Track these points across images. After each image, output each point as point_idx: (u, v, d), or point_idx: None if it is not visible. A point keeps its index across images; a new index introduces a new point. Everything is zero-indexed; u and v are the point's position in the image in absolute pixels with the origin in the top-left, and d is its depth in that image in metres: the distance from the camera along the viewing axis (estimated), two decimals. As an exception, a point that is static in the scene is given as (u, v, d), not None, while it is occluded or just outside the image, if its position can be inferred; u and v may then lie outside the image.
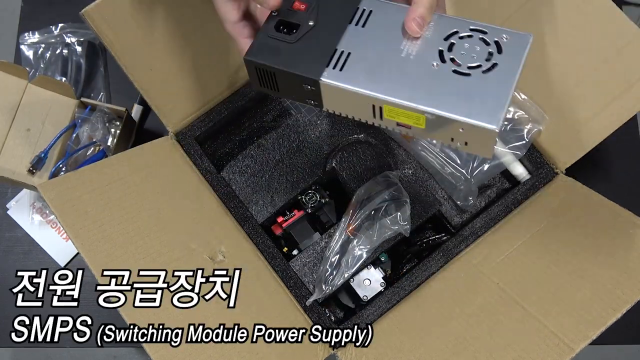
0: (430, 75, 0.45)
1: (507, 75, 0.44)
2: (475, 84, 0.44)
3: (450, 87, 0.44)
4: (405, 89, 0.45)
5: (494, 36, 0.46)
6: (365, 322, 0.66)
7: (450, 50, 0.45)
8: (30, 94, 0.74)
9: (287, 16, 0.48)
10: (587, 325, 0.52)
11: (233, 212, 0.69)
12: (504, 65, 0.45)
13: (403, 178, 0.72)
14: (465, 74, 0.44)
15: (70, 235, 0.54)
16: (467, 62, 0.45)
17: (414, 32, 0.46)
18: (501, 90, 0.44)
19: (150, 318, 0.54)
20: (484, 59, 0.45)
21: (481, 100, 0.43)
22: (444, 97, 0.44)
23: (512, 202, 0.70)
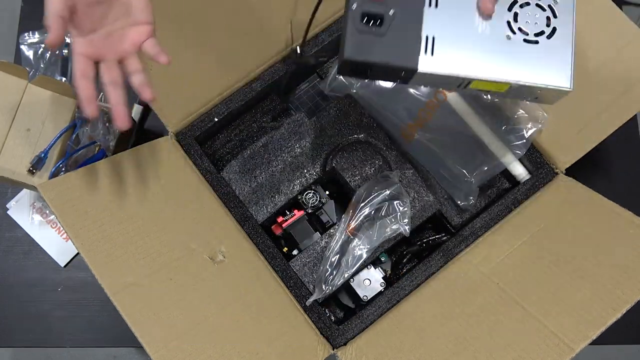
0: (507, 47, 0.51)
1: (566, 38, 0.52)
2: (544, 50, 0.51)
3: (526, 57, 0.51)
4: (492, 65, 0.51)
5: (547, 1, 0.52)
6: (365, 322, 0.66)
7: (516, 21, 0.51)
8: (30, 94, 0.74)
9: (369, 8, 0.50)
10: (587, 325, 0.52)
11: (233, 212, 0.69)
12: (562, 28, 0.52)
13: (403, 178, 0.72)
14: (534, 41, 0.51)
15: (70, 235, 0.54)
16: (532, 29, 0.51)
17: (489, 11, 0.51)
18: (565, 53, 0.51)
19: (151, 318, 0.54)
20: (545, 24, 0.52)
21: (553, 65, 0.51)
22: (523, 67, 0.51)
23: (512, 202, 0.70)
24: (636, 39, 0.65)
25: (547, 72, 0.51)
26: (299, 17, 0.67)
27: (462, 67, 0.51)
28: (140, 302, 0.54)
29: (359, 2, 0.50)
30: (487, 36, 0.51)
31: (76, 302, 0.77)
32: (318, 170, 0.72)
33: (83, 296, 0.78)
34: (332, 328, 0.65)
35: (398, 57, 0.50)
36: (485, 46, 0.51)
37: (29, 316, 0.77)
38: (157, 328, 0.53)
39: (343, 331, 0.65)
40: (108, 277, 0.54)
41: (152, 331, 0.53)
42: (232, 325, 0.58)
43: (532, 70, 0.51)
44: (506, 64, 0.51)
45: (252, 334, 0.59)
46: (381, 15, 0.50)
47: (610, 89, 0.67)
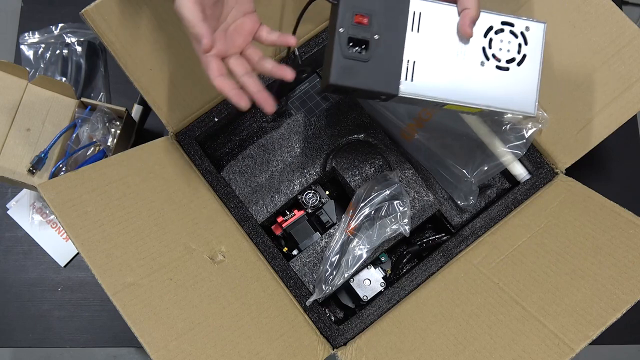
0: (480, 73, 0.54)
1: (534, 65, 0.55)
2: (513, 77, 0.55)
3: (497, 83, 0.55)
4: (464, 90, 0.54)
5: (519, 27, 0.55)
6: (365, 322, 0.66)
7: (490, 47, 0.54)
8: (31, 94, 0.74)
9: (354, 32, 0.52)
10: (587, 325, 0.52)
11: (233, 212, 0.69)
12: (531, 56, 0.55)
13: (403, 178, 0.72)
14: (505, 68, 0.54)
15: (70, 235, 0.54)
16: (504, 56, 0.55)
17: (468, 35, 0.53)
18: (532, 80, 0.55)
19: (151, 318, 0.54)
20: (516, 51, 0.55)
21: (520, 92, 0.55)
22: (494, 93, 0.55)
23: (512, 202, 0.70)
24: (636, 39, 0.65)
25: (515, 99, 0.55)
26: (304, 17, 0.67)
27: (438, 92, 0.54)
28: (140, 302, 0.54)
29: (346, 26, 0.51)
30: (463, 62, 0.54)
31: (76, 302, 0.77)
32: (318, 170, 0.72)
33: (83, 296, 0.78)
34: (332, 328, 0.65)
35: (380, 83, 0.52)
36: (460, 72, 0.54)
37: (29, 316, 0.77)
38: (157, 328, 0.53)
39: (343, 331, 0.65)
40: (108, 277, 0.54)
41: (152, 331, 0.53)
42: (232, 325, 0.58)
43: (501, 96, 0.54)
44: (478, 91, 0.54)
45: (252, 334, 0.58)
46: (366, 40, 0.52)
47: (610, 89, 0.67)
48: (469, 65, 0.54)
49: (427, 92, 0.53)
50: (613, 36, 0.66)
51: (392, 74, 0.53)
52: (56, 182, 0.57)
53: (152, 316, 0.54)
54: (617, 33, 0.65)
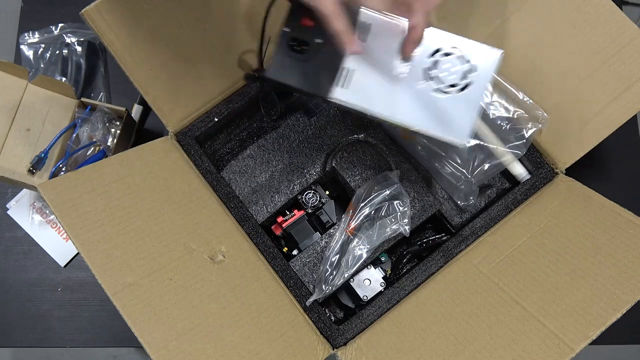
0: (418, 94, 0.53)
1: (477, 94, 0.53)
2: (451, 103, 0.53)
3: (432, 106, 0.53)
4: (398, 108, 0.53)
5: (470, 53, 0.53)
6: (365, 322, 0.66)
7: (434, 69, 0.53)
8: (31, 93, 0.74)
9: (298, 33, 0.53)
10: (587, 325, 0.52)
11: (233, 212, 0.69)
12: (476, 84, 0.53)
13: (403, 178, 0.72)
14: (445, 92, 0.53)
15: (70, 235, 0.54)
16: (447, 80, 0.53)
17: (408, 56, 0.52)
18: (471, 111, 0.52)
19: (151, 318, 0.54)
20: (460, 77, 0.53)
21: (456, 119, 0.52)
22: (427, 115, 0.53)
23: (512, 202, 0.70)
24: (636, 39, 0.65)
25: (448, 126, 0.53)
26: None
27: (370, 104, 0.53)
28: (140, 302, 0.54)
29: (292, 27, 0.52)
30: (402, 79, 0.53)
31: (76, 302, 0.77)
32: (318, 170, 0.72)
33: (83, 296, 0.78)
34: (332, 328, 0.65)
35: (312, 85, 0.53)
36: (397, 89, 0.53)
37: (29, 316, 0.77)
38: (157, 328, 0.53)
39: (343, 331, 0.65)
40: (108, 277, 0.54)
41: (152, 331, 0.53)
42: (232, 325, 0.58)
43: (435, 120, 0.53)
44: (412, 110, 0.53)
45: (252, 334, 0.59)
46: (308, 42, 0.52)
47: (610, 88, 0.67)
48: (407, 84, 0.53)
49: (358, 102, 0.53)
50: (613, 36, 0.66)
51: (328, 78, 0.53)
52: (56, 182, 0.57)
53: (152, 316, 0.54)
54: (617, 33, 0.65)
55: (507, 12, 0.69)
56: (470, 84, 0.52)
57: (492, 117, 0.71)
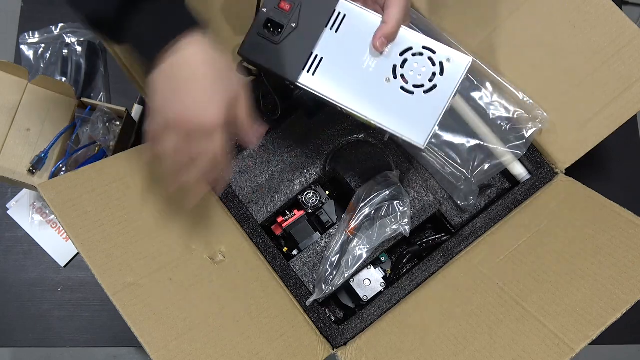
0: (382, 89, 0.54)
1: (442, 97, 0.53)
2: (415, 103, 0.53)
3: (396, 103, 0.53)
4: (361, 100, 0.54)
5: (440, 57, 0.53)
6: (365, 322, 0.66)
7: (402, 67, 0.53)
8: (31, 93, 0.74)
9: (274, 15, 0.54)
10: (587, 325, 0.52)
11: (233, 212, 0.69)
12: (442, 88, 0.53)
13: (403, 178, 0.72)
14: (410, 91, 0.53)
15: (70, 235, 0.54)
16: (413, 80, 0.53)
17: (377, 50, 0.53)
18: (433, 113, 0.53)
19: (151, 318, 0.54)
20: (428, 79, 0.53)
21: (417, 119, 0.53)
22: (389, 112, 0.53)
23: (512, 202, 0.70)
24: (636, 39, 0.65)
25: (408, 125, 0.53)
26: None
27: (334, 93, 0.54)
28: (140, 302, 0.54)
29: (269, 7, 0.54)
30: (369, 73, 0.54)
31: (76, 302, 0.77)
32: (318, 170, 0.72)
33: (83, 296, 0.78)
34: (332, 328, 0.65)
35: (282, 68, 0.54)
36: (363, 82, 0.54)
37: (29, 316, 0.77)
38: (157, 328, 0.53)
39: (343, 331, 0.65)
40: (108, 277, 0.54)
41: (152, 331, 0.53)
42: (232, 325, 0.58)
43: (396, 118, 0.53)
44: (374, 105, 0.53)
45: (252, 334, 0.58)
46: (282, 25, 0.54)
47: (610, 88, 0.67)
48: (373, 78, 0.54)
49: (324, 90, 0.54)
50: (613, 36, 0.66)
51: (297, 63, 0.54)
52: (56, 182, 0.57)
53: (152, 316, 0.54)
54: (617, 33, 0.65)
55: (507, 12, 0.69)
56: (436, 87, 0.53)
57: (492, 117, 0.71)
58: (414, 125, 0.53)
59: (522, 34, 0.69)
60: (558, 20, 0.67)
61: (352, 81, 0.54)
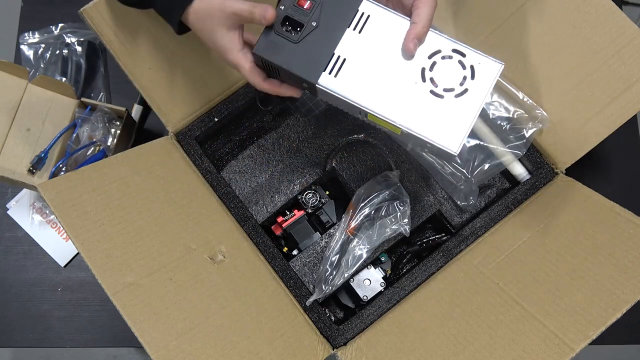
0: (411, 93, 0.50)
1: (474, 104, 0.49)
2: (446, 107, 0.50)
3: (425, 108, 0.50)
4: (388, 104, 0.50)
5: (471, 60, 0.50)
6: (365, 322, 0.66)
7: (431, 70, 0.50)
8: (31, 93, 0.74)
9: (293, 13, 0.51)
10: (587, 325, 0.52)
11: (233, 212, 0.69)
12: (474, 92, 0.50)
13: (403, 178, 0.72)
14: (440, 95, 0.50)
15: (70, 235, 0.54)
16: (443, 83, 0.50)
17: (410, 52, 0.50)
18: (466, 119, 0.49)
19: (151, 318, 0.54)
20: (458, 82, 0.50)
21: (448, 125, 0.49)
22: (418, 116, 0.50)
23: (512, 202, 0.70)
24: (636, 39, 0.65)
25: (440, 130, 0.49)
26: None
27: (360, 96, 0.50)
28: (140, 302, 0.54)
29: (287, 5, 0.51)
30: (396, 76, 0.50)
31: (76, 302, 0.77)
32: (318, 170, 0.72)
33: (83, 296, 0.78)
34: (332, 328, 0.65)
35: (301, 68, 0.51)
36: (390, 85, 0.50)
37: (29, 316, 0.77)
38: (157, 328, 0.53)
39: (343, 331, 0.65)
40: (108, 277, 0.54)
41: (152, 331, 0.53)
42: (232, 325, 0.58)
43: (426, 123, 0.49)
44: (404, 109, 0.50)
45: (252, 334, 0.58)
46: (302, 23, 0.51)
47: (610, 88, 0.67)
48: (401, 81, 0.50)
49: (347, 92, 0.50)
50: (613, 36, 0.66)
51: (317, 63, 0.51)
52: (56, 182, 0.57)
53: (152, 316, 0.54)
54: (617, 33, 0.65)
55: (507, 12, 0.69)
56: (467, 91, 0.50)
57: (492, 117, 0.71)
58: (445, 131, 0.49)
59: (522, 34, 0.69)
60: (558, 20, 0.67)
61: (377, 84, 0.50)
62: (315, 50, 0.51)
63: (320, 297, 0.65)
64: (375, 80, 0.50)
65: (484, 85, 0.50)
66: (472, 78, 0.50)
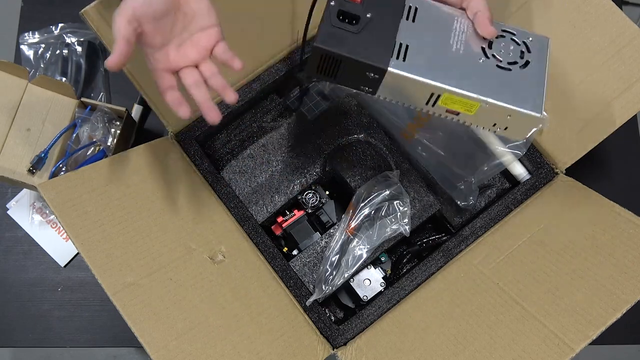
0: (480, 68, 0.52)
1: (539, 71, 0.52)
2: (516, 78, 0.52)
3: (498, 80, 0.51)
4: (464, 80, 0.51)
5: (521, 37, 0.53)
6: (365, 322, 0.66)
7: (490, 48, 0.52)
8: (31, 93, 0.74)
9: (347, 7, 0.51)
10: (587, 325, 0.52)
11: (233, 212, 0.69)
12: (535, 63, 0.52)
13: (403, 178, 0.72)
14: (507, 68, 0.52)
15: (70, 235, 0.54)
16: (506, 59, 0.52)
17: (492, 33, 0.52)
18: (538, 83, 0.52)
19: (151, 318, 0.54)
20: (519, 56, 0.52)
21: (525, 92, 0.51)
22: (495, 88, 0.51)
23: (512, 202, 0.70)
24: (636, 39, 0.65)
25: (519, 98, 0.51)
26: (301, 16, 0.67)
27: (433, 75, 0.51)
28: (140, 302, 0.54)
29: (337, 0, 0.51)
30: (460, 55, 0.52)
31: (76, 302, 0.77)
32: (318, 170, 0.72)
33: (83, 296, 0.78)
34: (332, 328, 0.65)
35: (369, 55, 0.50)
36: (457, 62, 0.51)
37: (29, 316, 0.77)
38: (157, 328, 0.53)
39: (343, 331, 0.65)
40: (108, 277, 0.54)
41: (152, 331, 0.53)
42: (232, 325, 0.58)
43: (504, 92, 0.51)
44: (479, 82, 0.51)
45: (252, 334, 0.59)
46: (357, 16, 0.51)
47: (610, 88, 0.67)
48: (467, 59, 0.52)
49: (420, 73, 0.50)
50: (613, 36, 0.66)
51: (383, 50, 0.51)
52: (56, 182, 0.57)
53: (152, 316, 0.54)
54: (617, 33, 0.65)
55: (506, 12, 0.69)
56: (529, 62, 0.52)
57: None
58: (524, 98, 0.51)
59: (522, 34, 0.69)
60: (558, 20, 0.67)
61: (445, 65, 0.51)
62: (376, 39, 0.51)
63: (320, 297, 0.65)
64: (442, 61, 0.51)
65: (542, 56, 0.53)
66: (529, 52, 0.53)
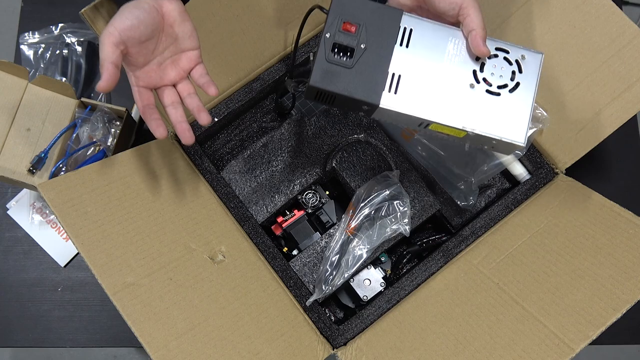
0: (469, 96, 0.52)
1: (528, 93, 0.53)
2: (504, 103, 0.52)
3: (486, 107, 0.52)
4: (450, 111, 0.52)
5: (514, 55, 0.53)
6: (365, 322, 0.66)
7: (482, 71, 0.53)
8: (31, 93, 0.74)
9: (341, 39, 0.51)
10: (587, 325, 0.52)
11: (233, 212, 0.69)
12: (525, 85, 0.53)
13: (403, 178, 0.72)
14: (496, 93, 0.52)
15: (70, 235, 0.54)
16: (496, 82, 0.53)
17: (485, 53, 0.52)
18: (524, 110, 0.52)
19: (151, 318, 0.54)
20: (509, 78, 0.53)
21: (510, 119, 0.52)
22: (481, 117, 0.52)
23: (512, 202, 0.70)
24: (636, 39, 0.65)
25: (504, 126, 0.52)
26: (302, 17, 0.67)
27: (423, 109, 0.52)
28: (140, 302, 0.54)
29: (333, 32, 0.51)
30: (452, 82, 0.52)
31: (76, 302, 0.77)
32: (318, 170, 0.72)
33: (83, 296, 0.78)
34: (332, 328, 0.65)
35: (361, 91, 0.51)
36: (448, 92, 0.52)
37: (29, 316, 0.77)
38: (157, 328, 0.53)
39: (343, 331, 0.65)
40: (108, 277, 0.54)
41: (152, 331, 0.53)
42: (232, 325, 0.58)
43: (490, 121, 0.52)
44: (466, 113, 0.52)
45: (252, 334, 0.59)
46: (352, 48, 0.51)
47: (610, 88, 0.67)
48: (457, 86, 0.52)
49: (410, 108, 0.52)
50: (613, 36, 0.66)
51: (376, 84, 0.51)
52: (56, 182, 0.57)
53: (152, 316, 0.54)
54: (617, 33, 0.66)
55: (507, 12, 0.69)
56: (519, 84, 0.52)
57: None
58: (508, 126, 0.52)
59: (522, 34, 0.69)
60: (558, 20, 0.67)
61: (435, 94, 0.52)
62: (370, 72, 0.51)
63: (320, 297, 0.65)
64: (432, 90, 0.52)
65: (532, 76, 0.53)
66: (520, 72, 0.53)
